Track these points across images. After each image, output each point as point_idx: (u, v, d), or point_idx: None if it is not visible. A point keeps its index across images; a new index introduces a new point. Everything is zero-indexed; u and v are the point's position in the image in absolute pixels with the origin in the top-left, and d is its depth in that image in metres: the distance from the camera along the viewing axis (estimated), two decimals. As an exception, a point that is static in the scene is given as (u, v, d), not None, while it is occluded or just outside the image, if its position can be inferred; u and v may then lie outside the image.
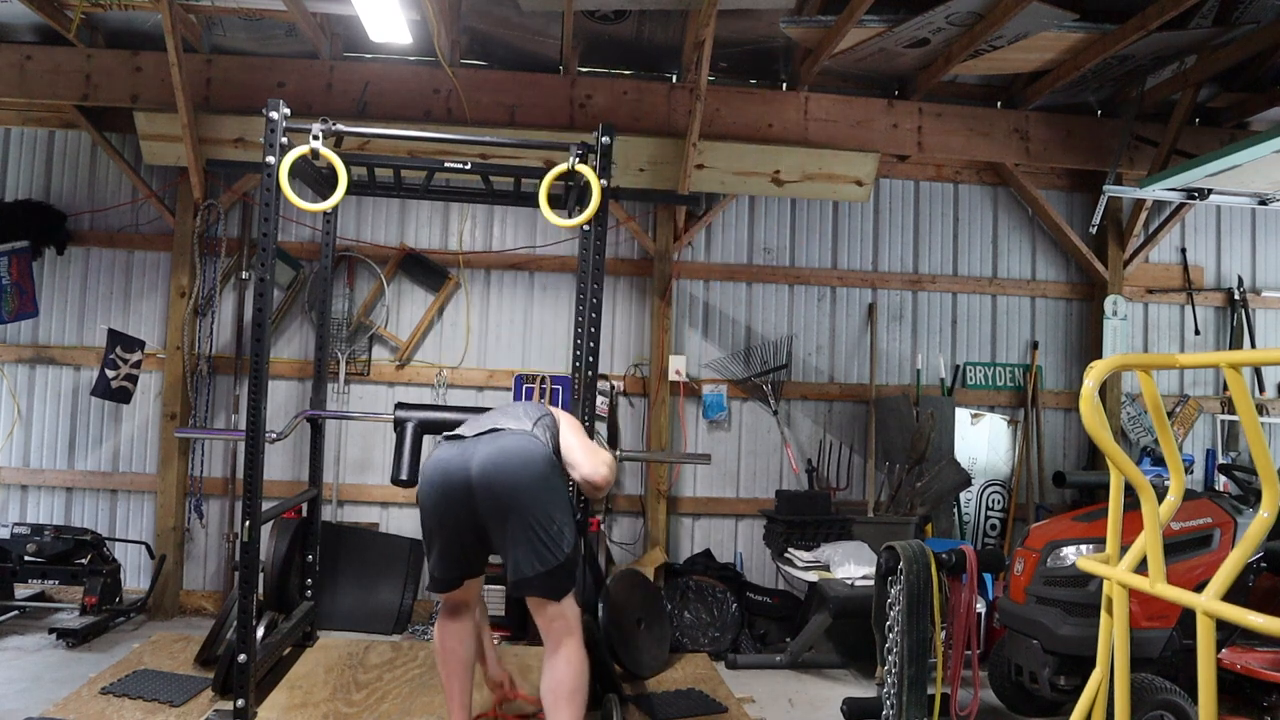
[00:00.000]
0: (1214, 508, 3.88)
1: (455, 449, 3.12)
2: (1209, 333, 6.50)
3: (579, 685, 3.04)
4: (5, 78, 5.31)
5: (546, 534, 3.00)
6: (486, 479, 3.00)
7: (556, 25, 5.30)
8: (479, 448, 3.08)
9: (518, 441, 3.10)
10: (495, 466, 3.01)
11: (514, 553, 3.01)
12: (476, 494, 3.01)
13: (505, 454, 3.04)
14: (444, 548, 3.13)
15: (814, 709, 4.42)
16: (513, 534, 3.00)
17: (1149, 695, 3.46)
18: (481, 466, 3.01)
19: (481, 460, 3.03)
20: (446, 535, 3.10)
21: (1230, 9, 4.87)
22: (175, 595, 5.66)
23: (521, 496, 2.99)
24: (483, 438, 3.14)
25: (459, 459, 3.07)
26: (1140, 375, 2.36)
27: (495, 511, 3.01)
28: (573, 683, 3.02)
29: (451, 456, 3.09)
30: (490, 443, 3.10)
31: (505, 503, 2.99)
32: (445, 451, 3.16)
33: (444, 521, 3.08)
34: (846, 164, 5.74)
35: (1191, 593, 2.08)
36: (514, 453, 3.05)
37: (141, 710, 3.63)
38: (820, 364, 6.20)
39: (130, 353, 5.44)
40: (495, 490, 2.99)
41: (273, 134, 3.61)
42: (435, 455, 3.16)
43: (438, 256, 5.94)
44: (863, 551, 5.12)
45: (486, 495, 3.00)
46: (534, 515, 3.00)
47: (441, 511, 3.07)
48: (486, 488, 3.00)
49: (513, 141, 4.31)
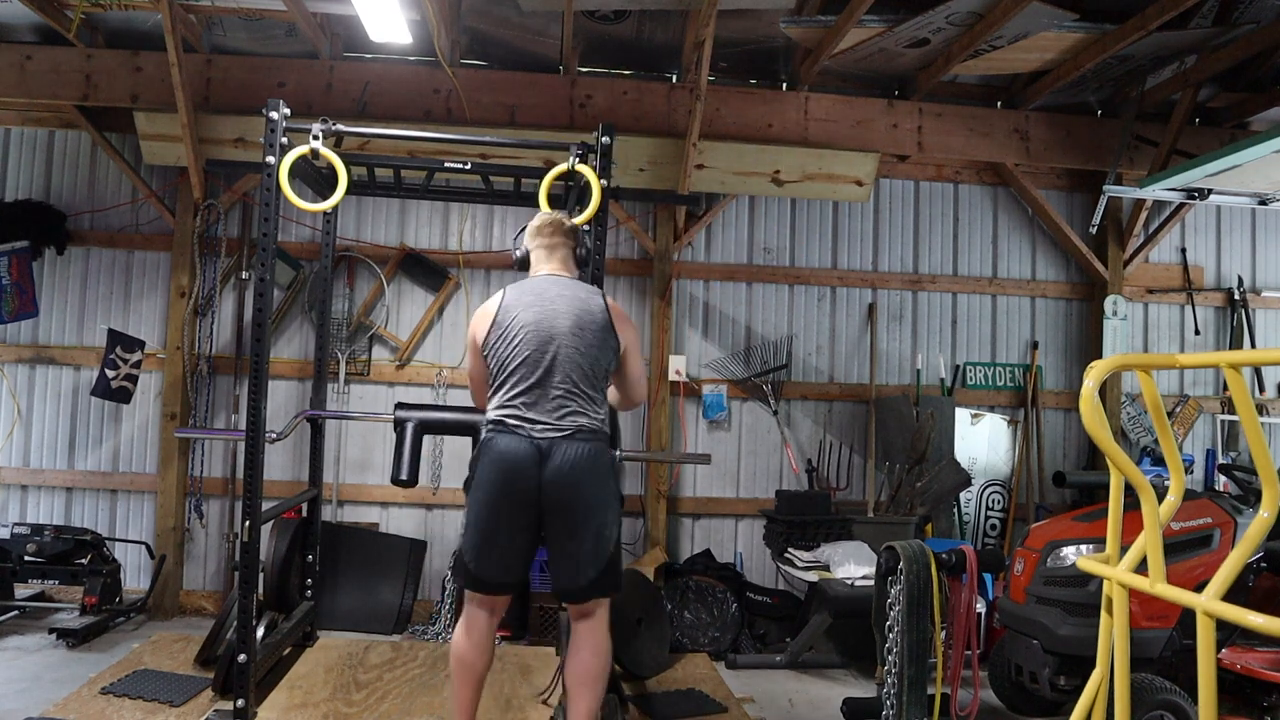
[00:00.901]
0: (1214, 508, 3.88)
1: (525, 447, 2.98)
2: (1209, 333, 6.50)
3: (604, 671, 3.11)
4: (5, 78, 5.31)
5: (604, 537, 3.02)
6: (558, 490, 2.95)
7: (556, 25, 5.30)
8: (554, 452, 2.97)
9: (592, 452, 3.01)
10: (570, 484, 2.96)
11: (574, 560, 2.99)
12: (546, 502, 2.97)
13: (579, 468, 2.97)
14: (501, 550, 3.03)
15: (814, 709, 4.42)
16: (576, 543, 2.98)
17: (1149, 695, 3.46)
18: (555, 477, 2.95)
19: (555, 471, 2.96)
20: (506, 537, 3.02)
21: (1230, 9, 4.87)
22: (175, 595, 5.66)
23: (593, 511, 2.99)
24: (556, 443, 2.99)
25: (529, 458, 2.96)
26: (1140, 375, 2.36)
27: (563, 522, 2.98)
28: (599, 669, 3.09)
29: (521, 455, 2.97)
30: (565, 448, 2.98)
31: (576, 518, 2.97)
32: (512, 445, 3.00)
33: (506, 523, 3.01)
34: (846, 164, 5.74)
35: (1191, 593, 2.08)
36: (588, 468, 2.99)
37: (141, 710, 3.63)
38: (820, 364, 6.20)
39: (130, 353, 5.44)
40: (565, 502, 2.96)
41: (273, 134, 3.61)
42: (501, 448, 3.01)
43: (438, 256, 5.94)
44: (863, 551, 5.12)
45: (556, 505, 2.97)
46: (599, 523, 3.00)
47: (506, 512, 3.00)
48: (557, 499, 2.96)
49: (513, 141, 4.31)
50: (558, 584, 3.08)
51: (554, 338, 3.07)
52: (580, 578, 3.01)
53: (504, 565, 3.04)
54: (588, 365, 3.09)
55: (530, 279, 3.28)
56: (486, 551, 3.03)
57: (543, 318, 3.10)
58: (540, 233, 3.35)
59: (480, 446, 3.09)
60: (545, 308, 3.12)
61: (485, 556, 3.03)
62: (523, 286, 3.23)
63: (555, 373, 3.05)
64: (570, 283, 3.25)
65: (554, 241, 3.32)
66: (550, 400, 3.04)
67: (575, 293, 3.19)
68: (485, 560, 3.03)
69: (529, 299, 3.15)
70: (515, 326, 3.09)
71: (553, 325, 3.09)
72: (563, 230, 3.36)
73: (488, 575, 3.06)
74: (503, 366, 3.09)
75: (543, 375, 3.04)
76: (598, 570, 3.01)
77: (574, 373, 3.06)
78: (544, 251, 3.33)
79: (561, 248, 3.34)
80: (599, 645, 3.10)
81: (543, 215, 3.42)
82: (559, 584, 3.07)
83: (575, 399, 3.05)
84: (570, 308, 3.13)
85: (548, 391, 3.04)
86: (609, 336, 3.16)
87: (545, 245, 3.32)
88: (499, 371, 3.11)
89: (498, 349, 3.11)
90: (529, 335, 3.07)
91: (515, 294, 3.19)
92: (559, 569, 3.04)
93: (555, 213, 3.44)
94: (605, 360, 3.15)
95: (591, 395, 3.09)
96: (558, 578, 3.06)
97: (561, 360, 3.06)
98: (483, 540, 3.03)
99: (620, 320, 3.25)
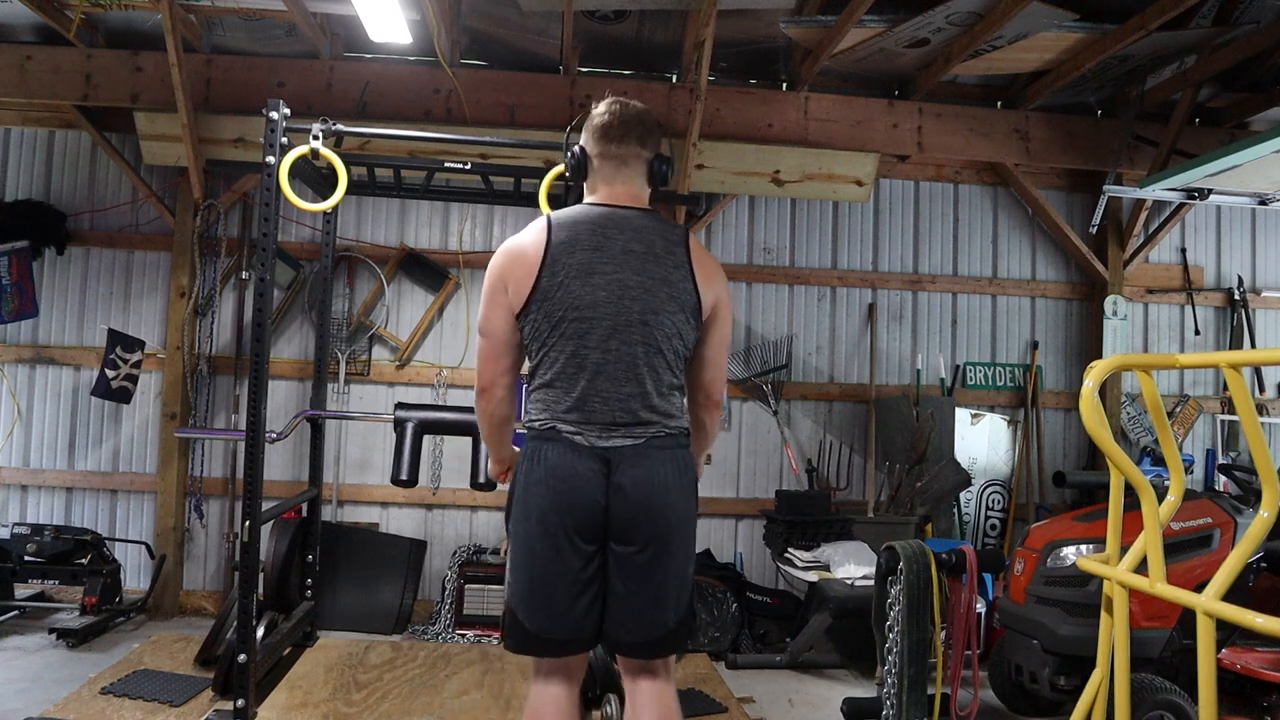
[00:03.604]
0: (1214, 508, 3.88)
1: (585, 461, 2.23)
2: (1209, 333, 6.50)
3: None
4: (5, 78, 5.31)
5: (688, 575, 2.33)
6: (631, 517, 2.23)
7: (556, 25, 5.30)
8: (624, 467, 2.24)
9: (675, 464, 2.30)
10: (646, 508, 2.24)
11: (649, 603, 2.27)
12: (614, 532, 2.25)
13: (659, 487, 2.25)
14: (560, 597, 2.24)
15: (814, 709, 4.42)
16: (653, 582, 2.26)
17: (1149, 695, 3.46)
18: (625, 500, 2.23)
19: (626, 492, 2.23)
20: (565, 582, 2.24)
21: (1230, 9, 4.87)
22: (175, 595, 5.66)
23: (674, 541, 2.28)
24: (628, 454, 2.25)
25: (592, 475, 2.23)
26: (1140, 375, 2.37)
27: (635, 557, 2.25)
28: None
29: (581, 472, 2.22)
30: (639, 461, 2.25)
31: (652, 551, 2.25)
32: (567, 460, 2.24)
33: (568, 560, 2.23)
34: (846, 164, 5.74)
35: (1191, 593, 2.08)
36: (670, 486, 2.27)
37: (141, 710, 3.63)
38: (820, 364, 6.20)
39: (130, 353, 5.44)
40: (639, 531, 2.24)
41: (273, 134, 3.61)
42: (553, 464, 2.24)
43: (438, 256, 5.94)
44: (863, 551, 5.12)
45: (625, 535, 2.24)
46: (684, 557, 2.31)
47: (567, 546, 2.22)
48: (627, 528, 2.24)
49: (513, 141, 4.31)
50: (625, 634, 2.29)
51: (626, 306, 2.25)
52: (656, 626, 2.27)
53: (569, 614, 2.26)
54: (671, 343, 2.31)
55: (586, 209, 2.36)
56: (548, 598, 2.25)
57: (611, 276, 2.26)
58: (607, 133, 2.37)
59: (523, 463, 2.31)
60: (613, 261, 2.26)
61: (542, 606, 2.25)
62: (578, 223, 2.30)
63: (627, 354, 2.26)
64: (645, 219, 2.34)
65: (626, 150, 2.36)
66: (619, 394, 2.27)
67: (652, 237, 2.30)
68: (541, 610, 2.25)
69: (588, 242, 2.27)
70: (570, 288, 2.24)
71: (623, 287, 2.26)
72: (640, 130, 2.37)
73: (550, 629, 2.26)
74: (547, 345, 2.27)
75: (610, 359, 2.26)
76: (678, 616, 2.31)
77: (652, 355, 2.28)
78: (611, 165, 2.37)
79: (636, 160, 2.38)
80: (669, 713, 2.34)
81: (611, 105, 2.41)
82: (627, 634, 2.29)
83: (653, 392, 2.29)
84: (647, 263, 2.28)
85: (616, 382, 2.27)
86: (693, 298, 2.31)
87: (615, 156, 2.37)
88: (540, 349, 2.29)
89: (538, 318, 2.27)
90: (590, 302, 2.25)
91: (567, 233, 2.27)
92: (625, 615, 2.27)
93: (630, 101, 2.43)
94: (690, 334, 2.34)
95: (674, 384, 2.35)
96: (625, 626, 2.28)
97: (636, 337, 2.26)
98: (534, 584, 2.25)
99: (705, 269, 2.34)
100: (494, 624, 5.34)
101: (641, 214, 2.35)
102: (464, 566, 5.46)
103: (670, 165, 2.45)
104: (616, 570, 2.26)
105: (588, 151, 2.40)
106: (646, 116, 2.40)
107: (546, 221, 2.31)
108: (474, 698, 3.89)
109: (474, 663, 4.35)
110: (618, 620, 2.27)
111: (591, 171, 2.41)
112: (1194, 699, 2.35)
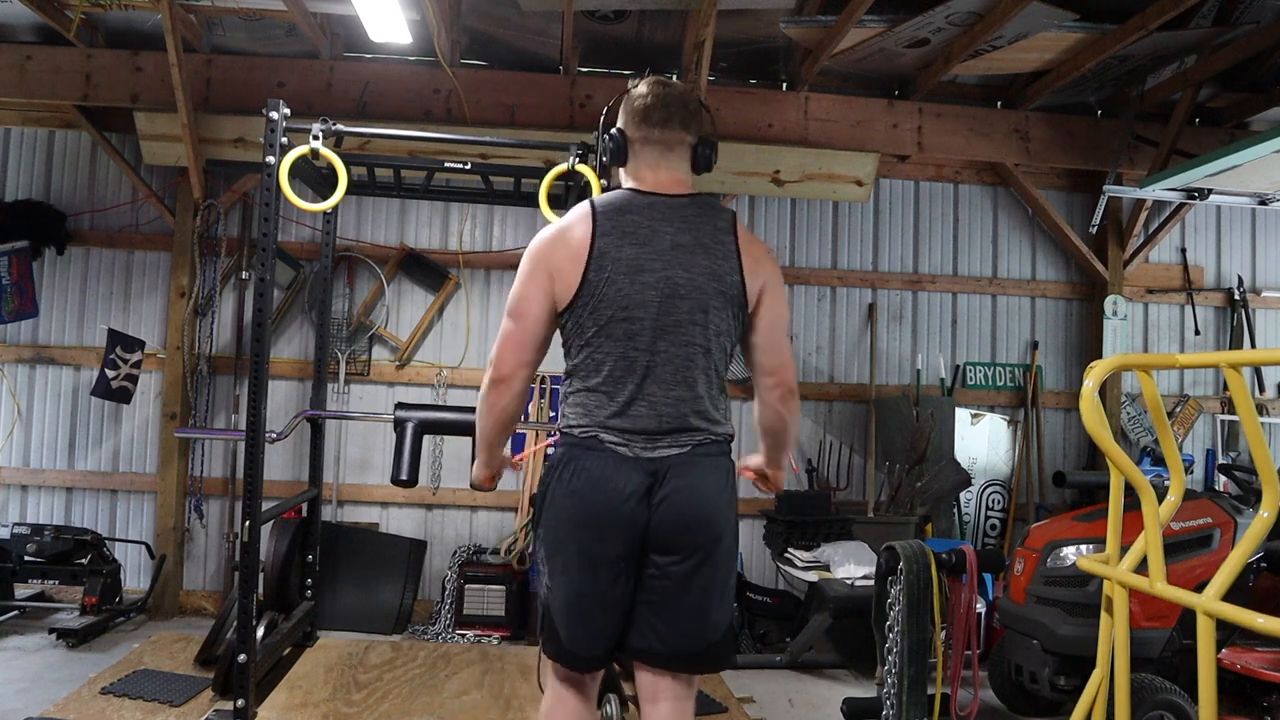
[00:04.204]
0: (1214, 508, 3.88)
1: (629, 472, 2.12)
2: (1209, 333, 6.49)
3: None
4: (5, 78, 5.31)
5: (730, 587, 2.25)
6: (677, 528, 2.14)
7: (556, 25, 5.29)
8: (671, 478, 2.13)
9: (720, 474, 2.20)
10: (692, 522, 2.14)
11: (689, 617, 2.18)
12: (655, 544, 2.15)
13: (705, 499, 2.15)
14: (600, 614, 2.17)
15: (814, 709, 4.42)
16: (695, 595, 2.17)
17: (1149, 695, 3.46)
18: (671, 513, 2.13)
19: (672, 505, 2.13)
20: (604, 600, 2.15)
21: (1230, 9, 4.87)
22: (175, 595, 5.66)
23: (718, 552, 2.18)
24: (675, 464, 2.14)
25: (635, 488, 2.12)
26: (1140, 375, 2.37)
27: (678, 569, 2.16)
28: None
29: (622, 484, 2.12)
30: (686, 471, 2.15)
31: (694, 562, 2.15)
32: (608, 471, 2.13)
33: (608, 577, 2.14)
34: (846, 164, 5.74)
35: (1192, 593, 2.08)
36: (715, 497, 2.17)
37: (141, 710, 3.63)
38: (820, 364, 6.20)
39: (130, 353, 5.44)
40: (685, 543, 2.15)
41: (273, 134, 3.61)
42: (594, 474, 2.13)
43: (438, 256, 5.94)
44: (863, 551, 5.12)
45: (669, 547, 2.15)
46: (728, 568, 2.22)
47: (607, 562, 2.14)
48: (673, 540, 2.14)
49: (513, 141, 4.31)
50: (662, 644, 2.18)
51: (675, 305, 2.15)
52: (697, 640, 2.17)
53: (605, 632, 2.19)
54: (719, 340, 2.20)
55: (631, 197, 2.22)
56: (585, 616, 2.16)
57: (660, 274, 2.14)
58: (649, 117, 2.23)
59: (557, 469, 2.18)
60: (662, 257, 2.15)
61: (583, 622, 2.17)
62: (624, 213, 2.18)
63: (676, 356, 2.16)
64: (692, 207, 2.22)
65: (670, 135, 2.23)
66: (668, 398, 2.15)
67: (701, 226, 2.19)
68: (582, 626, 2.17)
69: (636, 235, 2.15)
70: (618, 285, 2.13)
71: (672, 285, 2.14)
72: (684, 114, 2.24)
73: (585, 647, 2.18)
74: (591, 345, 2.16)
75: (659, 361, 2.15)
76: (719, 631, 2.20)
77: (702, 355, 2.17)
78: (655, 151, 2.24)
79: (680, 145, 2.25)
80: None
81: (654, 85, 2.27)
82: (664, 645, 2.17)
83: (704, 395, 2.19)
84: (695, 256, 2.17)
85: (665, 385, 2.15)
86: (739, 290, 2.19)
87: (658, 140, 2.23)
88: (583, 348, 2.18)
89: (583, 315, 2.16)
90: (640, 302, 2.13)
91: (614, 223, 2.16)
92: (661, 628, 2.17)
93: (671, 81, 2.30)
94: (737, 329, 2.24)
95: (722, 387, 2.26)
96: (663, 639, 2.17)
97: (685, 338, 2.16)
98: (576, 600, 2.16)
99: (752, 255, 2.22)
100: (494, 624, 5.35)
101: (689, 201, 2.23)
102: (464, 566, 5.46)
103: (714, 149, 2.31)
104: (659, 582, 2.16)
105: (628, 135, 2.26)
106: (689, 98, 2.28)
107: (590, 208, 2.19)
108: (474, 698, 3.89)
109: (474, 663, 4.35)
110: (656, 632, 2.17)
111: (633, 155, 2.26)
112: (1194, 699, 2.35)
